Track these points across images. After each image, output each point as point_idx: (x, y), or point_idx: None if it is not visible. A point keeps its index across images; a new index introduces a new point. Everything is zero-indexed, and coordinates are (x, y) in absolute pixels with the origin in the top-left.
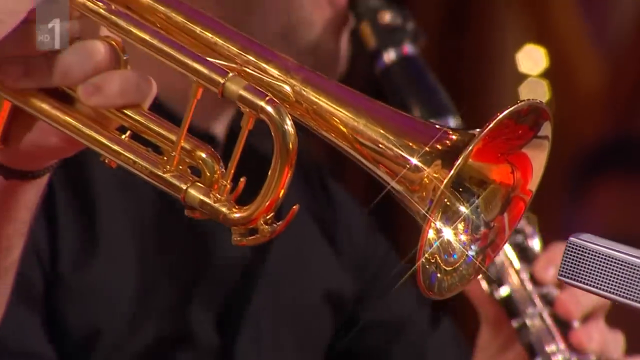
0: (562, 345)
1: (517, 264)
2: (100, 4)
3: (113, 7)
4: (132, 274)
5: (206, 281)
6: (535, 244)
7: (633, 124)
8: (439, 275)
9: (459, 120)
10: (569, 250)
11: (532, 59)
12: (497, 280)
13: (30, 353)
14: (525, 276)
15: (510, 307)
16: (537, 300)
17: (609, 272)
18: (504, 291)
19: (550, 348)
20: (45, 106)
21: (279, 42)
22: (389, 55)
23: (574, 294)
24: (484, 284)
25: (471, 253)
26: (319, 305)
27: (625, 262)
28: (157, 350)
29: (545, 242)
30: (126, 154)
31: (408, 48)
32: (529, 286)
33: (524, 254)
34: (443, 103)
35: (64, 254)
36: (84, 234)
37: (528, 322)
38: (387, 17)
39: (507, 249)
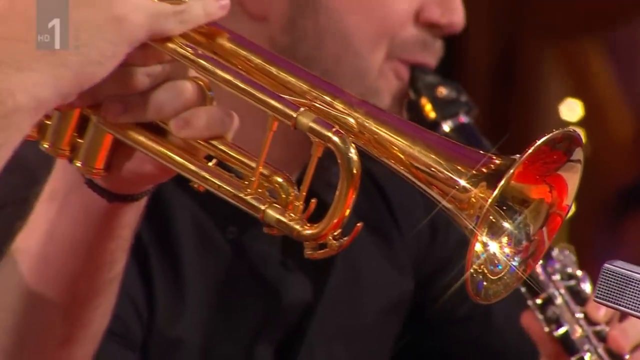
0: None
1: (572, 305)
2: (189, 49)
3: (200, 51)
4: (212, 323)
5: (272, 321)
6: (587, 287)
7: None
8: (485, 283)
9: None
10: (603, 275)
11: (571, 109)
12: (556, 321)
13: None
14: (579, 316)
15: (568, 344)
16: (592, 337)
17: (638, 293)
18: (561, 330)
19: None
20: (141, 138)
21: None
22: (447, 125)
23: (623, 329)
24: (544, 325)
25: (514, 264)
26: (379, 318)
27: None
28: None
29: (584, 269)
30: (212, 179)
31: (463, 118)
32: (584, 325)
33: (577, 296)
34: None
35: (159, 307)
36: (174, 288)
37: (585, 357)
38: (443, 91)
39: (563, 293)
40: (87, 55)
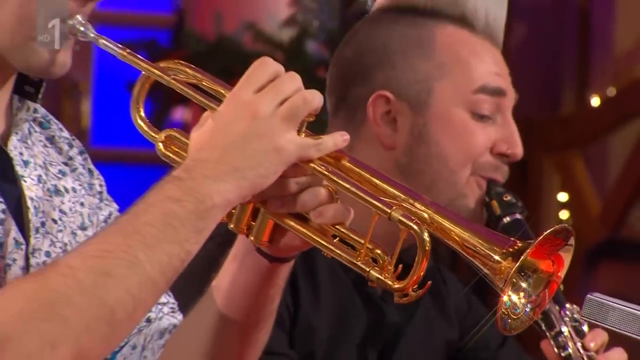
0: None
1: (574, 337)
2: (322, 167)
3: (330, 169)
4: (335, 325)
5: (375, 334)
6: (585, 327)
7: (618, 233)
8: (509, 321)
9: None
10: (587, 301)
11: (561, 197)
12: (563, 347)
13: None
14: (579, 345)
15: None
16: (585, 357)
17: (611, 314)
18: (565, 353)
19: None
20: (292, 223)
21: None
22: (507, 219)
23: (606, 355)
24: (555, 348)
25: (526, 310)
26: (440, 351)
27: (619, 309)
28: None
29: (572, 302)
30: (336, 250)
31: (518, 215)
32: (581, 350)
33: (578, 331)
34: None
35: (302, 306)
36: (312, 296)
37: None
38: (507, 197)
39: (570, 329)
40: (259, 172)
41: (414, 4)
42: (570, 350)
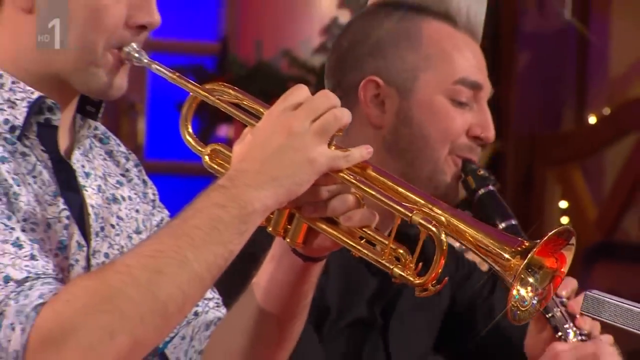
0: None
1: (566, 317)
2: (350, 176)
3: (357, 177)
4: (345, 291)
5: (379, 295)
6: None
7: (612, 236)
8: (518, 312)
9: (517, 222)
10: (586, 297)
11: (562, 204)
12: (555, 327)
13: None
14: (570, 323)
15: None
16: (560, 310)
17: (606, 309)
18: (559, 333)
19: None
20: (324, 226)
21: (425, 183)
22: (481, 191)
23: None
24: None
25: (533, 302)
26: (431, 308)
27: (614, 304)
28: (353, 328)
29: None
30: (363, 250)
31: (491, 187)
32: (571, 327)
33: (570, 315)
34: (509, 213)
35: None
36: (325, 282)
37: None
38: (481, 172)
39: (562, 311)
40: (294, 181)
41: (403, 0)
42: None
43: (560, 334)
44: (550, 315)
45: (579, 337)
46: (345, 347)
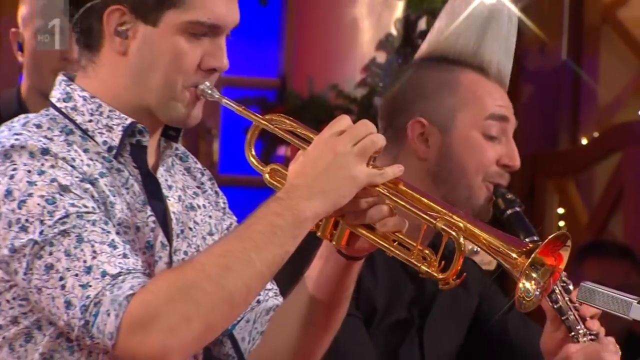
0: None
1: (564, 294)
2: (385, 190)
3: (390, 191)
4: (390, 293)
5: (417, 298)
6: (571, 286)
7: (600, 237)
8: (524, 302)
9: (538, 236)
10: (581, 288)
11: (559, 211)
12: (555, 301)
13: None
14: (567, 299)
15: (560, 312)
16: (572, 308)
17: (597, 296)
18: (557, 305)
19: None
20: (363, 231)
21: (463, 204)
22: (509, 212)
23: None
24: (552, 305)
25: (537, 293)
26: (462, 313)
27: (604, 293)
28: (395, 326)
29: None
30: (395, 250)
31: (517, 208)
32: (569, 303)
33: (566, 290)
34: (532, 230)
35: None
36: (374, 286)
37: (570, 318)
38: (509, 196)
39: (560, 288)
40: (339, 194)
41: (445, 55)
42: (560, 303)
43: (572, 333)
44: (564, 317)
45: (589, 337)
46: (388, 342)
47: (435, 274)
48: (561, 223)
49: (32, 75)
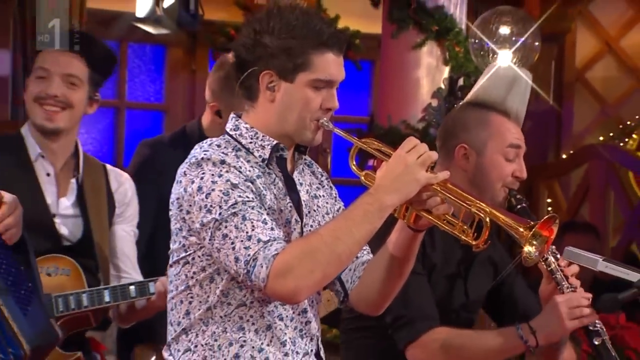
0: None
1: (557, 258)
2: (438, 187)
3: (441, 187)
4: (447, 266)
5: (462, 261)
6: (558, 255)
7: (574, 218)
8: (528, 259)
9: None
10: (565, 251)
11: (548, 202)
12: (549, 265)
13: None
14: (557, 263)
15: (552, 273)
16: (560, 274)
17: (576, 257)
18: (550, 268)
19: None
20: (424, 213)
21: (488, 201)
22: (518, 207)
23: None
24: (547, 268)
25: (536, 254)
26: (491, 268)
27: (580, 254)
28: (448, 278)
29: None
30: (445, 226)
31: (524, 204)
32: (559, 266)
33: (556, 257)
34: (532, 217)
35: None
36: (433, 252)
37: (557, 276)
38: (518, 196)
39: (551, 256)
40: (408, 190)
41: (482, 102)
42: (552, 266)
43: (559, 287)
44: (554, 276)
45: (570, 289)
46: (443, 289)
47: (471, 241)
48: (550, 210)
49: (217, 119)
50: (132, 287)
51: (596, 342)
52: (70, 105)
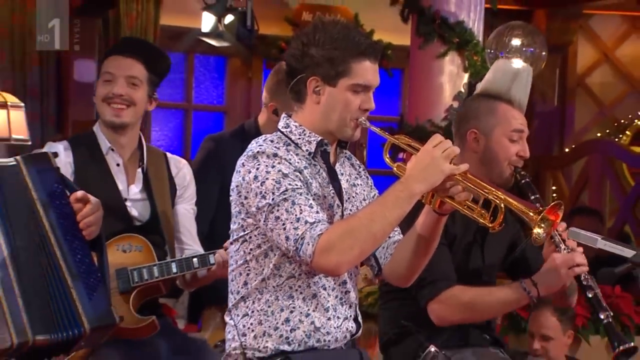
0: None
1: (562, 236)
2: (459, 177)
3: (462, 177)
4: (465, 238)
5: (477, 235)
6: (564, 234)
7: (577, 204)
8: (537, 239)
9: (539, 194)
10: (570, 231)
11: (553, 189)
12: (556, 242)
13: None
14: (563, 244)
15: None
16: (563, 244)
17: (579, 236)
18: (555, 244)
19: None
20: (447, 199)
21: (496, 178)
22: (523, 181)
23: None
24: (552, 243)
25: (544, 234)
26: (506, 244)
27: (584, 234)
28: (467, 246)
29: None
30: (465, 210)
31: (527, 179)
32: (565, 242)
33: (562, 239)
34: (535, 191)
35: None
36: (453, 226)
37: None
38: (523, 172)
39: (560, 239)
40: (434, 179)
41: (489, 93)
42: (555, 238)
43: (557, 248)
44: (553, 239)
45: (567, 250)
46: (462, 256)
47: (487, 224)
48: (554, 198)
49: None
50: (195, 259)
51: (589, 295)
52: (134, 103)
